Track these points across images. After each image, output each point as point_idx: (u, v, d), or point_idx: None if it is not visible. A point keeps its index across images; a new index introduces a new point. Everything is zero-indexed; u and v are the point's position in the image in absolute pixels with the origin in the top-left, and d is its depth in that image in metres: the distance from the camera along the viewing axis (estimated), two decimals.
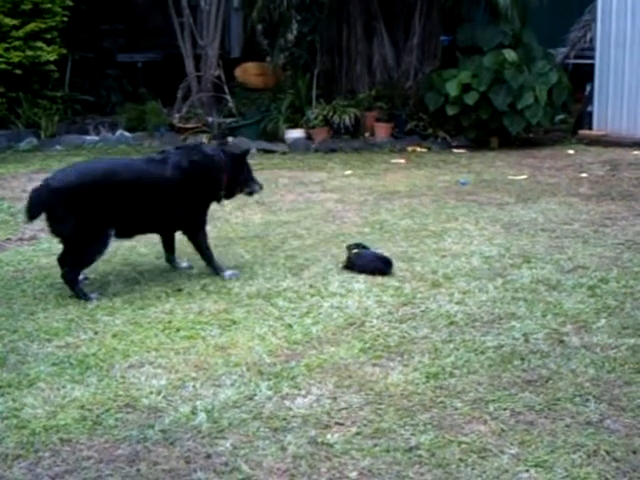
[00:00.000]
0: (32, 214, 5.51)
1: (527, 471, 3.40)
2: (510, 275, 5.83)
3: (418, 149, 11.72)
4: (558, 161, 10.57)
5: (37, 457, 3.57)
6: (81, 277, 5.80)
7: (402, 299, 5.41)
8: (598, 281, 5.67)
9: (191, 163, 5.83)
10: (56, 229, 5.59)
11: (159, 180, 5.74)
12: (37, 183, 5.66)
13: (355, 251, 6.06)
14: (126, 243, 6.92)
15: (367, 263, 5.95)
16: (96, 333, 4.94)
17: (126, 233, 5.87)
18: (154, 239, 7.05)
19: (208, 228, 7.44)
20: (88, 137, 12.53)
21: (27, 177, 9.62)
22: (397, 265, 5.99)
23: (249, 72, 13.68)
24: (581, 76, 12.32)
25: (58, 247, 6.79)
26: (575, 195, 8.53)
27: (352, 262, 6.00)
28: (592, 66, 11.97)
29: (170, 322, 5.08)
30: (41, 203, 5.45)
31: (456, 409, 3.92)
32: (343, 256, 6.17)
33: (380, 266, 5.91)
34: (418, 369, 4.35)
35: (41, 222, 7.61)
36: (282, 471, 3.44)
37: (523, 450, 3.55)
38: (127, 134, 12.58)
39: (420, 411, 3.90)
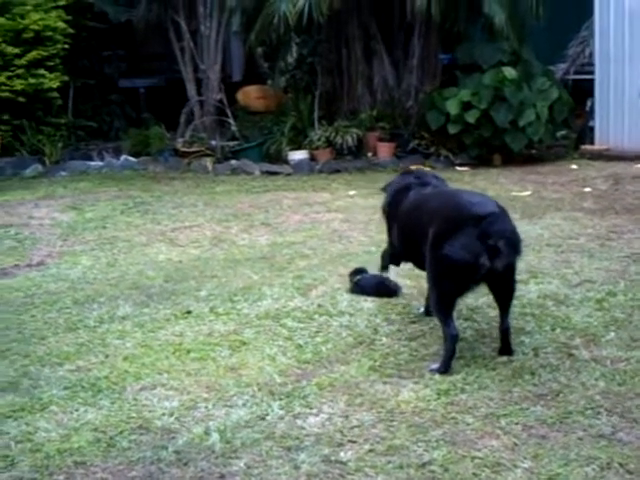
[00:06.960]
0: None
1: None
2: (518, 291, 5.79)
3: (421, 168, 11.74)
4: (561, 176, 10.58)
5: None
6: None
7: (411, 317, 5.43)
8: (605, 294, 5.68)
9: None
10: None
11: None
12: (43, 209, 5.68)
13: (358, 277, 6.03)
14: (134, 268, 6.97)
15: (372, 286, 5.93)
16: (107, 356, 4.96)
17: None
18: (162, 262, 7.12)
19: (215, 251, 7.59)
20: (92, 163, 12.58)
21: (33, 204, 9.62)
22: (405, 283, 5.99)
23: (251, 95, 13.76)
24: (581, 91, 12.36)
25: (66, 272, 6.88)
26: (580, 210, 8.54)
27: (358, 286, 5.97)
28: (592, 81, 11.99)
29: (180, 344, 5.10)
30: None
31: (468, 424, 3.93)
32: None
33: (386, 288, 5.89)
34: (429, 386, 4.36)
35: (47, 248, 7.78)
36: None
37: (536, 464, 3.56)
38: (131, 159, 12.63)
39: (432, 427, 3.91)
